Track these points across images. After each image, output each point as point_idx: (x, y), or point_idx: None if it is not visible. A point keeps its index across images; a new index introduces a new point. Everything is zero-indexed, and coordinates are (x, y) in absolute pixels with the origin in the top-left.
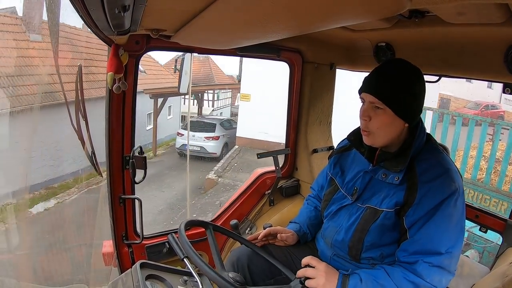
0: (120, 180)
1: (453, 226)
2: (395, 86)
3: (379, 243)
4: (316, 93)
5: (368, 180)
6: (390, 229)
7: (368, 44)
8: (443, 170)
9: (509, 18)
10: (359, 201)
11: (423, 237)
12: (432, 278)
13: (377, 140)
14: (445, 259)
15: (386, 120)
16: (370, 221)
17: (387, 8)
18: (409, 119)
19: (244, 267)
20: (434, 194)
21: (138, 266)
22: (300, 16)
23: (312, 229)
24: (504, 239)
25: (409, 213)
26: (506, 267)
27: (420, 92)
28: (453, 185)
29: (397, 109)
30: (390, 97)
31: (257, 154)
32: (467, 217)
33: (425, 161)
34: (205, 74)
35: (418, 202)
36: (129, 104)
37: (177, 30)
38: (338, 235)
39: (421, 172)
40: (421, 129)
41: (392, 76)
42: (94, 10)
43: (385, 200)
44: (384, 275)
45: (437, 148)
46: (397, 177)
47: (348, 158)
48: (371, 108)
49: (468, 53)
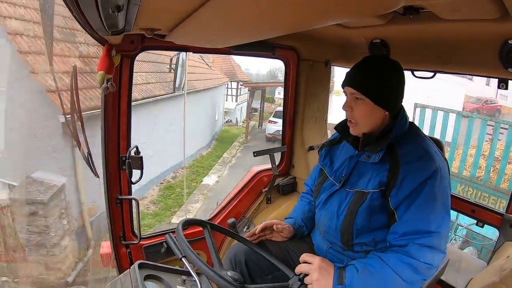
0: (117, 180)
1: (439, 205)
2: (372, 77)
3: (369, 226)
4: (311, 91)
5: (354, 164)
6: (378, 211)
7: (363, 41)
8: (423, 151)
9: (503, 14)
10: (347, 186)
11: (410, 218)
12: (425, 257)
13: (362, 129)
14: (434, 238)
15: (367, 109)
16: (358, 204)
17: (382, 5)
18: (389, 107)
19: (242, 264)
20: (416, 174)
21: (137, 266)
22: (294, 14)
23: (307, 222)
24: (501, 234)
25: (393, 193)
26: (503, 261)
27: (397, 83)
28: (433, 165)
29: (375, 98)
30: (367, 88)
31: (253, 152)
32: (464, 212)
33: (406, 145)
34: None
35: (400, 182)
36: (124, 103)
37: (171, 30)
38: (330, 222)
39: (402, 154)
40: (402, 116)
41: (369, 69)
42: (88, 10)
43: (370, 182)
44: (379, 262)
45: (418, 133)
46: (378, 156)
47: (337, 149)
48: (352, 99)
49: (463, 49)
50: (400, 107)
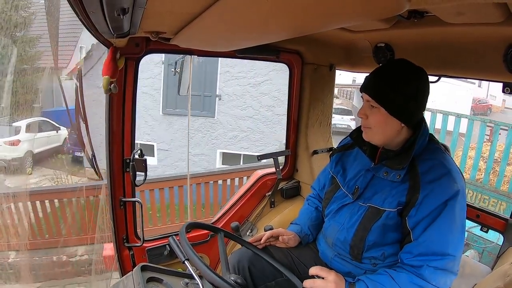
0: (121, 183)
1: (456, 227)
2: (389, 86)
3: (381, 242)
4: (316, 95)
5: (370, 178)
6: (392, 229)
7: (368, 44)
8: (445, 170)
9: (508, 18)
10: (361, 199)
11: (428, 239)
12: (438, 281)
13: (375, 137)
14: (449, 261)
15: (381, 119)
16: (372, 221)
17: (386, 9)
18: (405, 119)
19: (245, 269)
20: (437, 194)
21: (139, 269)
22: (299, 17)
23: (314, 230)
24: (505, 239)
25: (412, 213)
26: (507, 266)
27: (417, 93)
28: (455, 185)
29: (390, 109)
30: (383, 97)
31: (257, 156)
32: (468, 217)
33: (427, 161)
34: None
35: (420, 202)
36: (129, 106)
37: (176, 33)
38: (339, 234)
39: (423, 172)
40: (424, 129)
41: (388, 75)
42: (94, 13)
43: (387, 200)
44: (389, 280)
45: (439, 148)
46: (399, 175)
47: (350, 156)
48: (367, 106)
49: (467, 53)
50: (420, 119)
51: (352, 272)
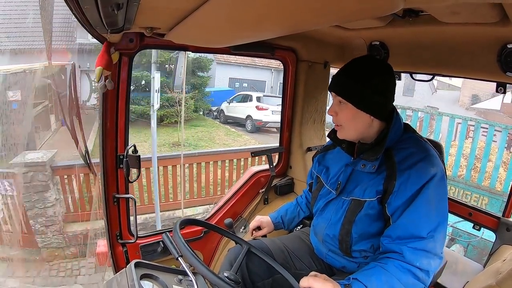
0: (114, 179)
1: (434, 209)
2: (353, 80)
3: (367, 234)
4: (310, 92)
5: (350, 172)
6: (376, 218)
7: (362, 43)
8: (421, 156)
9: (502, 18)
10: (344, 194)
11: (404, 222)
12: (421, 261)
13: (348, 133)
14: (428, 242)
15: (349, 114)
16: (355, 212)
17: (381, 7)
18: (373, 112)
19: (242, 266)
20: (413, 180)
21: (133, 265)
22: (294, 14)
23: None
24: (497, 237)
25: (390, 200)
26: (499, 264)
27: (383, 87)
28: (432, 169)
29: (357, 103)
30: (349, 92)
31: (251, 153)
32: (461, 215)
33: (403, 150)
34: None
35: (397, 189)
36: (122, 102)
37: (170, 29)
38: (327, 230)
39: (400, 160)
40: (396, 120)
41: (352, 71)
42: (88, 8)
43: (367, 190)
44: (382, 271)
45: (414, 136)
46: (374, 166)
47: (331, 155)
48: (336, 103)
49: (462, 52)
50: (390, 111)
51: (346, 266)
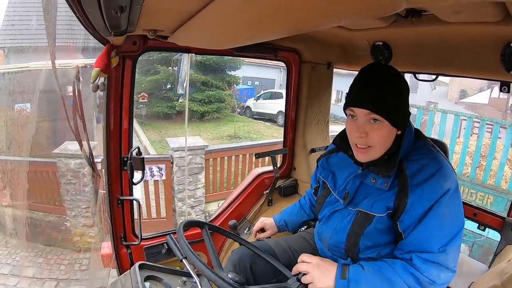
0: (118, 181)
1: (446, 224)
2: (387, 93)
3: (375, 245)
4: (313, 93)
5: (359, 184)
6: (386, 232)
7: (365, 43)
8: (434, 170)
9: (505, 17)
10: (351, 205)
11: (416, 237)
12: (429, 272)
13: (376, 155)
14: (440, 255)
15: (385, 133)
16: (363, 226)
17: (384, 7)
18: (403, 125)
19: (246, 268)
20: (426, 196)
21: (137, 267)
22: (296, 15)
23: (288, 223)
24: (503, 237)
25: (403, 218)
26: (504, 264)
27: (406, 93)
28: (445, 184)
29: (394, 119)
30: (385, 108)
31: (255, 154)
32: (466, 216)
33: (415, 162)
34: None
35: (410, 207)
36: (126, 105)
37: (174, 31)
38: (332, 239)
39: (412, 174)
40: (409, 130)
41: (381, 84)
42: (91, 11)
43: (376, 204)
44: (385, 264)
45: (427, 145)
46: (386, 183)
47: (335, 159)
48: (366, 122)
49: (465, 51)
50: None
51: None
